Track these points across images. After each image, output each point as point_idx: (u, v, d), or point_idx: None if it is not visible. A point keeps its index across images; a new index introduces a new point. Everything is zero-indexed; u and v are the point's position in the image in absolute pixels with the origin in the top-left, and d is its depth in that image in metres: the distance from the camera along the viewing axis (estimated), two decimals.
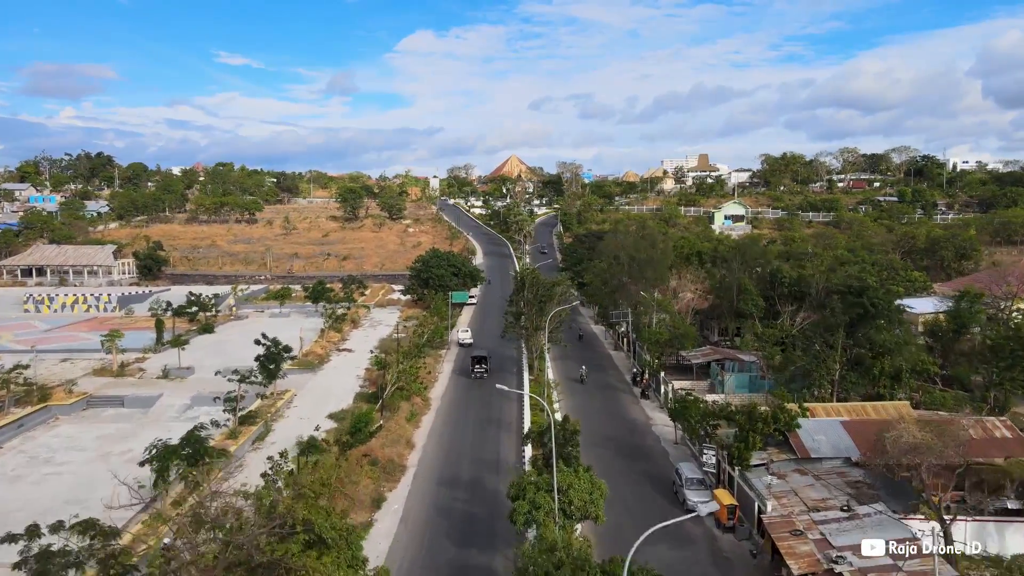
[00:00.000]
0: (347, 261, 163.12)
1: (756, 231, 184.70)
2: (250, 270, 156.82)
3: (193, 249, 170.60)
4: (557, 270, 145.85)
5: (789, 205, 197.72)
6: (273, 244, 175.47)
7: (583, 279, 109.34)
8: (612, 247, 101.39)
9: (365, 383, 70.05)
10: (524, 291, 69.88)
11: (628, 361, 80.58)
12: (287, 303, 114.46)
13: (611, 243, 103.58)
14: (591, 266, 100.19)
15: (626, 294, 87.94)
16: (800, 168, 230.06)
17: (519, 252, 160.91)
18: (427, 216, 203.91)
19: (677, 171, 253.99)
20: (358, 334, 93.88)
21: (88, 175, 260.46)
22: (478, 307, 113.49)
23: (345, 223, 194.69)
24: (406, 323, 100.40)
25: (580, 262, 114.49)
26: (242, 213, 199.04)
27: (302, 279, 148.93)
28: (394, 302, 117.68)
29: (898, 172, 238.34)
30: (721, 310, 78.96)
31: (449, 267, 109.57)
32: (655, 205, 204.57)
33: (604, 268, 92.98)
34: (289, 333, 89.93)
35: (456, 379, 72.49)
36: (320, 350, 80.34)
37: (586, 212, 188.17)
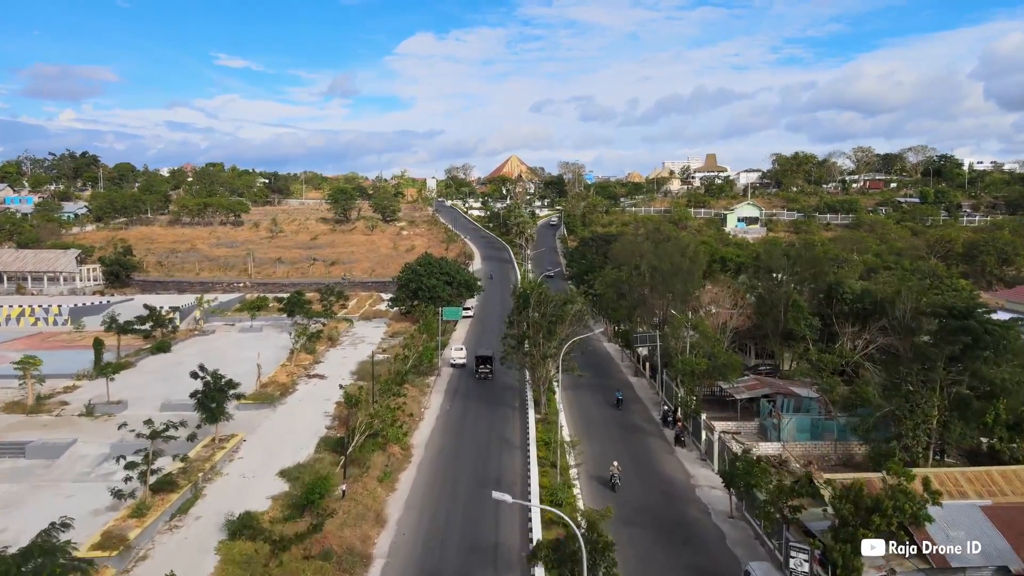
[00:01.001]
0: (335, 266, 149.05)
1: (771, 234, 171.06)
2: (229, 276, 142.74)
3: (171, 253, 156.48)
4: (562, 278, 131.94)
5: (805, 207, 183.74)
6: (257, 248, 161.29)
7: (593, 288, 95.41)
8: (627, 253, 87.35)
9: (334, 423, 55.80)
10: (528, 310, 55.56)
11: (652, 391, 66.47)
12: (262, 315, 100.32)
13: (626, 248, 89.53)
14: (603, 275, 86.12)
15: (648, 310, 73.84)
16: (813, 168, 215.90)
17: (520, 257, 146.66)
18: (423, 218, 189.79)
19: (683, 171, 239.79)
20: (335, 355, 79.62)
21: (72, 175, 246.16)
22: (475, 319, 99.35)
23: (336, 225, 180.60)
24: (391, 339, 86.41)
25: (590, 270, 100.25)
26: (227, 215, 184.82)
27: (285, 286, 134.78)
28: (382, 314, 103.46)
29: (914, 172, 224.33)
30: (764, 330, 64.72)
31: (441, 275, 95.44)
32: (663, 206, 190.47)
33: (621, 278, 78.90)
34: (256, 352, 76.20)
35: (446, 417, 58.27)
36: (285, 377, 66.09)
37: (591, 214, 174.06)
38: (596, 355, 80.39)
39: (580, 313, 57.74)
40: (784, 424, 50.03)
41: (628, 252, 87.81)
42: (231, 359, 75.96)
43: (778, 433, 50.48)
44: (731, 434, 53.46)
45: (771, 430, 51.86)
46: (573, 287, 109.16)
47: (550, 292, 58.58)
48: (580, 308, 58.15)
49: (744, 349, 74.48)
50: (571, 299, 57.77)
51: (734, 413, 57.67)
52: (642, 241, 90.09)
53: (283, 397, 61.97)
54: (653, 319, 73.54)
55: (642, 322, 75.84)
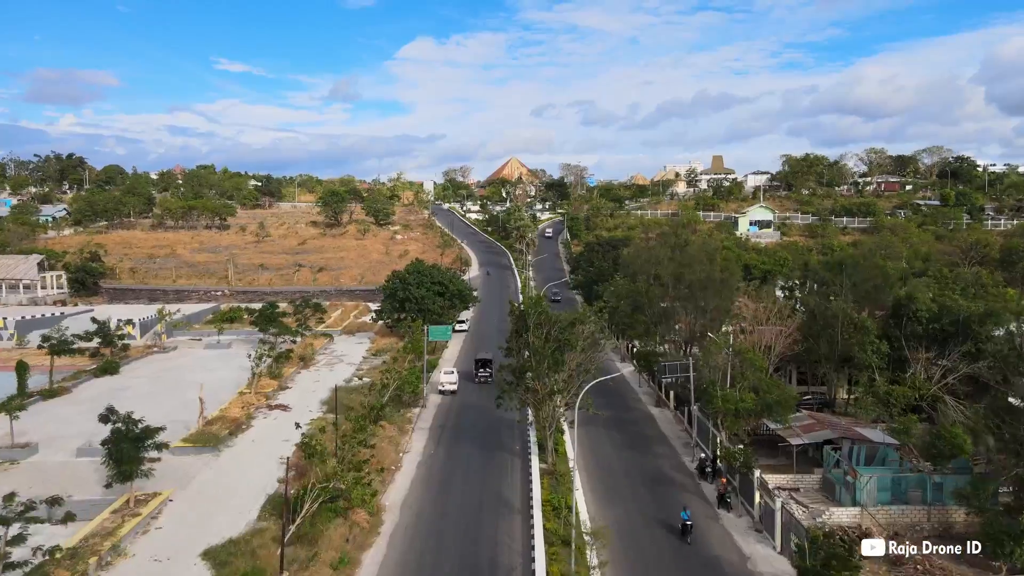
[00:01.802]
0: (323, 273, 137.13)
1: (786, 238, 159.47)
2: (208, 284, 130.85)
3: (149, 259, 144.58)
4: (568, 286, 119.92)
5: (820, 210, 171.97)
6: (242, 253, 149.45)
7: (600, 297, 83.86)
8: (642, 261, 75.62)
9: (290, 473, 43.87)
10: (528, 333, 43.54)
11: (679, 426, 54.65)
12: (234, 328, 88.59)
13: (640, 256, 77.80)
14: (615, 286, 74.41)
15: (671, 327, 62.04)
16: (824, 170, 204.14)
17: (520, 263, 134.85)
18: (418, 222, 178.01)
19: (689, 174, 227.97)
20: (306, 379, 67.68)
21: (58, 178, 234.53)
22: (470, 334, 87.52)
23: (326, 229, 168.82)
24: (374, 358, 74.61)
25: (598, 279, 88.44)
26: (212, 218, 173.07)
27: (267, 295, 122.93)
28: (367, 327, 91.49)
29: (929, 174, 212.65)
30: (814, 354, 52.76)
31: (432, 285, 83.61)
32: (670, 210, 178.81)
33: (637, 290, 67.13)
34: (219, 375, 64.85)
35: (429, 466, 46.37)
36: (239, 410, 54.18)
37: (595, 217, 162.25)
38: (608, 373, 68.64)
39: (594, 336, 45.66)
40: (862, 484, 38.17)
41: (643, 259, 76.09)
42: (187, 383, 64.36)
43: (853, 494, 38.63)
44: (787, 491, 41.69)
45: (842, 489, 40.01)
46: (580, 297, 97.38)
47: (552, 310, 46.31)
48: (593, 332, 46.05)
49: (780, 371, 62.61)
50: (581, 318, 45.62)
51: (786, 460, 45.92)
52: (657, 247, 78.41)
53: (232, 437, 50.03)
54: (678, 338, 61.78)
55: (664, 340, 64.05)
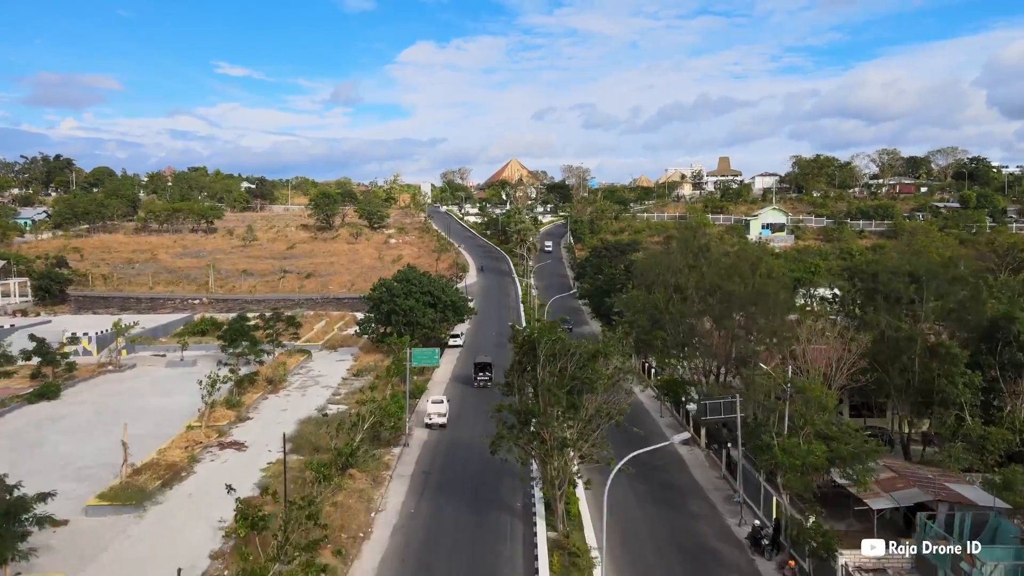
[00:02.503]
0: (310, 280, 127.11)
1: (800, 242, 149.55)
2: (187, 291, 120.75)
3: (127, 264, 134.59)
4: (573, 294, 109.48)
5: (835, 212, 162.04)
6: (226, 258, 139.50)
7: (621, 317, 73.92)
8: (660, 269, 65.54)
9: (232, 538, 33.67)
10: (535, 368, 33.31)
11: (713, 471, 44.49)
12: (204, 343, 78.42)
13: (658, 263, 67.71)
14: (631, 298, 64.31)
15: (705, 349, 51.91)
16: (836, 171, 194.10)
17: (521, 269, 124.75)
18: (414, 225, 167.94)
19: (695, 176, 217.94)
20: (272, 407, 57.45)
21: (45, 180, 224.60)
22: (466, 350, 77.35)
23: (317, 233, 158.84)
24: (355, 380, 64.51)
25: (609, 289, 78.34)
26: (198, 221, 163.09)
27: (248, 303, 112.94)
28: (352, 341, 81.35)
29: (944, 176, 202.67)
30: (886, 387, 42.44)
31: (423, 295, 73.50)
32: (677, 212, 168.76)
33: (657, 304, 57.04)
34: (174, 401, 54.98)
35: (407, 531, 36.06)
36: (180, 451, 44.02)
37: (599, 220, 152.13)
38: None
39: (620, 373, 35.35)
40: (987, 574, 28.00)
41: (660, 267, 66.01)
42: (135, 411, 54.35)
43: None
44: (871, 573, 31.55)
45: (946, 574, 29.85)
46: (588, 308, 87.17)
47: (569, 338, 35.93)
48: (622, 368, 35.65)
49: None
50: (603, 349, 35.18)
51: (860, 525, 35.78)
52: (676, 253, 68.35)
53: (165, 489, 39.82)
54: (710, 363, 51.67)
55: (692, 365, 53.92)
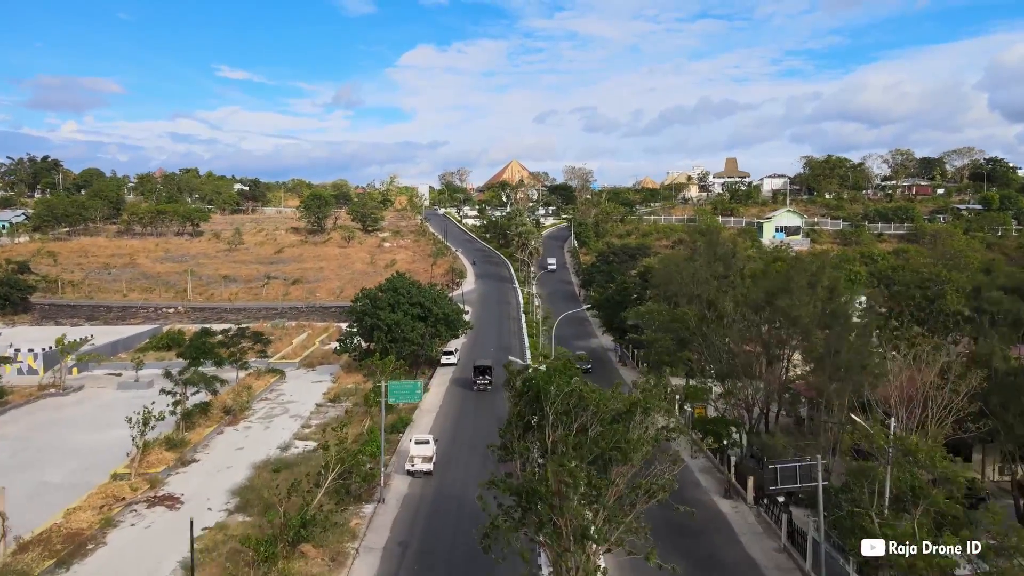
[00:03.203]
0: (296, 286, 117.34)
1: (816, 246, 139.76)
2: (162, 299, 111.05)
3: (103, 269, 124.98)
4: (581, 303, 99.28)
5: (852, 214, 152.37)
6: (209, 262, 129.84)
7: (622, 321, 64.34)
8: (682, 278, 55.93)
9: None
10: (543, 425, 23.35)
11: (769, 541, 34.70)
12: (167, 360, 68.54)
13: (680, 271, 58.05)
14: (652, 313, 54.50)
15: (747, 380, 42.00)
16: (848, 172, 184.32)
17: (523, 275, 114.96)
18: (409, 228, 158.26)
19: (701, 177, 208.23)
20: (225, 444, 47.61)
21: (31, 181, 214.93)
22: (460, 369, 67.48)
23: (308, 236, 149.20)
24: (331, 407, 54.79)
25: (622, 300, 68.52)
26: (184, 224, 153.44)
27: (228, 312, 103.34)
28: (334, 358, 71.35)
29: (960, 177, 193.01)
30: (1007, 434, 32.45)
31: (411, 307, 63.74)
32: (685, 214, 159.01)
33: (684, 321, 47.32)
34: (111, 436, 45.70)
35: None
36: (91, 514, 34.22)
37: (605, 223, 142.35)
38: None
39: (665, 436, 25.41)
40: None
41: (684, 277, 56.32)
42: (63, 448, 44.68)
43: None
44: None
45: None
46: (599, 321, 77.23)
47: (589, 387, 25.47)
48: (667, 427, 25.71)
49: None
50: (642, 401, 25.05)
51: None
52: (701, 261, 58.65)
53: (61, 569, 30.09)
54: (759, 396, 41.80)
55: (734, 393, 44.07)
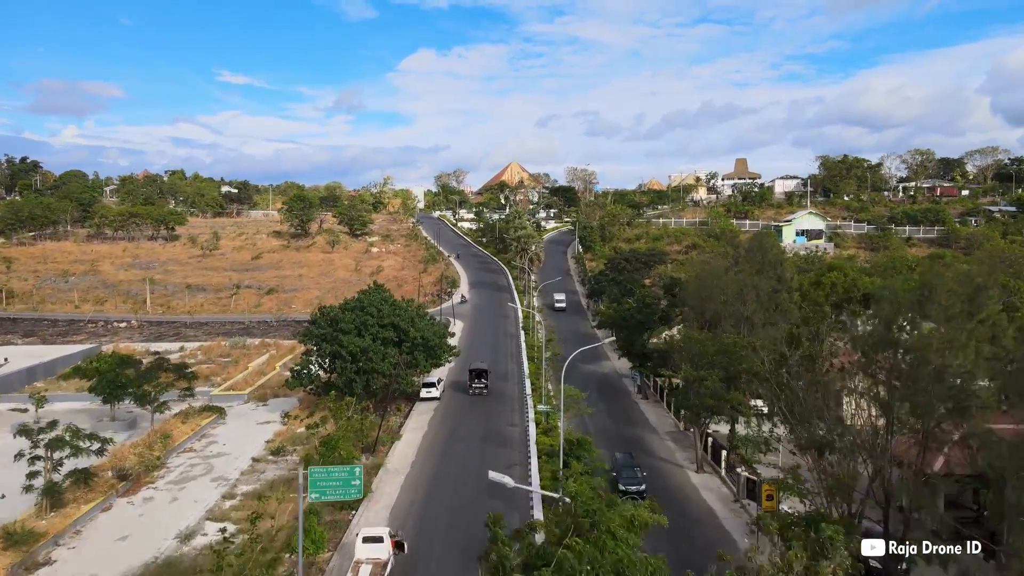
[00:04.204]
0: (270, 297, 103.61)
1: (840, 250, 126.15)
2: (120, 310, 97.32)
3: (62, 277, 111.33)
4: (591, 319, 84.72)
5: (877, 217, 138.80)
6: (180, 269, 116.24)
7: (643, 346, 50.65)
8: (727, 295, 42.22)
9: None
10: None
11: None
12: (78, 394, 54.75)
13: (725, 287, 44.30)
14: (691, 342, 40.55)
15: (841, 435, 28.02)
16: (867, 173, 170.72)
17: (522, 283, 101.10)
18: (401, 232, 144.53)
19: (709, 178, 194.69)
20: (110, 527, 33.62)
21: (8, 183, 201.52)
22: (443, 406, 53.49)
23: (291, 241, 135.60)
24: (269, 460, 41.01)
25: (644, 321, 54.56)
26: (158, 227, 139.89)
27: (188, 327, 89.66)
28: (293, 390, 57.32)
29: (983, 178, 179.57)
30: None
31: (382, 329, 50.02)
32: (697, 217, 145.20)
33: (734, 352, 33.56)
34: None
35: None
36: None
37: (611, 226, 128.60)
38: (668, 495, 35.28)
39: None
40: None
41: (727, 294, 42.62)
42: None
43: None
44: None
45: None
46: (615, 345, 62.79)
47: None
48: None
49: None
50: None
51: None
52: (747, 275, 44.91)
53: None
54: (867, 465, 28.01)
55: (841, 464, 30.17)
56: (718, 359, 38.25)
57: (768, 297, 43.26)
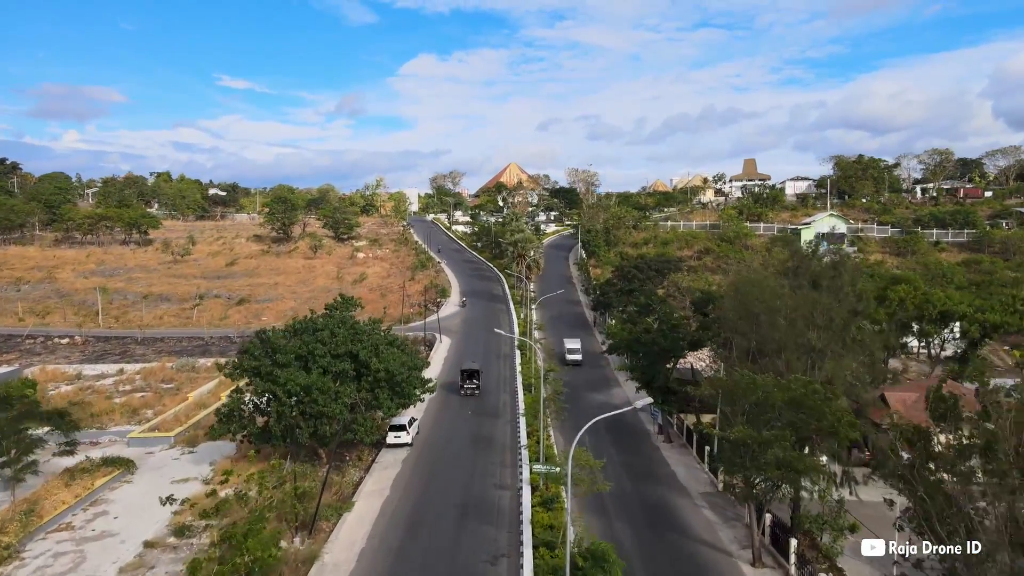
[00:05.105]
0: (240, 308, 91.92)
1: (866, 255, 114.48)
2: (68, 324, 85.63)
3: (13, 285, 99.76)
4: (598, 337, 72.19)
5: (902, 220, 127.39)
6: (146, 277, 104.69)
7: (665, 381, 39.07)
8: (798, 326, 30.22)
9: None
10: None
11: None
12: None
13: (786, 313, 32.33)
14: (745, 387, 28.76)
15: None
16: (883, 174, 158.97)
17: (518, 293, 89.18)
18: (391, 236, 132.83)
19: (717, 179, 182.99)
20: None
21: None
22: (416, 455, 41.75)
23: (271, 246, 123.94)
24: (172, 545, 28.99)
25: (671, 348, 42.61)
26: (129, 231, 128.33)
27: (139, 342, 78.03)
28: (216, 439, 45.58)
29: (1005, 179, 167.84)
30: None
31: (335, 360, 38.34)
32: (708, 220, 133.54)
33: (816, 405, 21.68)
34: None
35: None
36: None
37: (616, 229, 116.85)
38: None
39: None
40: None
41: (799, 323, 30.89)
42: None
43: None
44: None
45: None
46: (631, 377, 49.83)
47: None
48: None
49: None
50: None
51: None
52: (826, 288, 33.25)
53: None
54: None
55: None
56: (788, 414, 26.57)
57: (843, 323, 31.60)
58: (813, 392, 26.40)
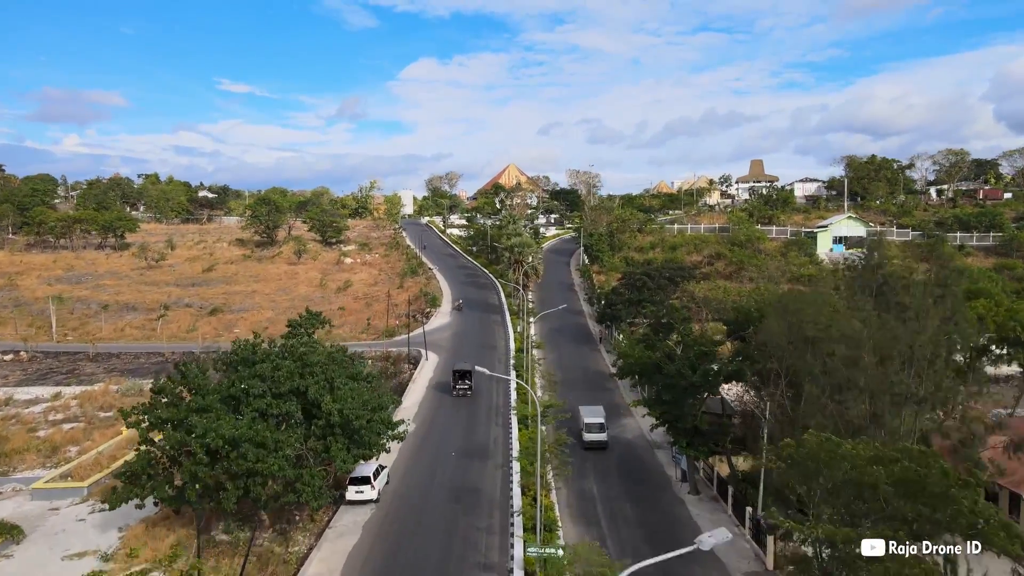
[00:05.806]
0: (212, 318, 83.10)
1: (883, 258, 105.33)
2: (15, 336, 76.75)
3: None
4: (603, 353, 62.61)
5: (923, 222, 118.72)
6: (115, 284, 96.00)
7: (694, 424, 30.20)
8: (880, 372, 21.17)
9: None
10: None
11: None
12: None
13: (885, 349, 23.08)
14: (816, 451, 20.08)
15: None
16: (897, 175, 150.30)
17: (515, 303, 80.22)
18: (382, 240, 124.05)
19: (723, 181, 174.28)
20: None
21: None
22: (381, 515, 32.98)
23: (255, 250, 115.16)
24: None
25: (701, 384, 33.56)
26: (104, 235, 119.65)
27: (91, 358, 69.22)
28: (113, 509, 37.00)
29: (1021, 179, 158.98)
30: None
31: (277, 400, 29.60)
32: (717, 223, 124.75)
33: None
34: None
35: None
36: None
37: (621, 233, 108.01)
38: None
39: None
40: None
41: (895, 361, 21.94)
42: None
43: None
44: None
45: None
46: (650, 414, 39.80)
47: None
48: None
49: None
50: None
51: None
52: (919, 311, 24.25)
53: None
54: None
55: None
56: (898, 502, 17.82)
57: (944, 363, 22.91)
58: (940, 471, 17.61)
